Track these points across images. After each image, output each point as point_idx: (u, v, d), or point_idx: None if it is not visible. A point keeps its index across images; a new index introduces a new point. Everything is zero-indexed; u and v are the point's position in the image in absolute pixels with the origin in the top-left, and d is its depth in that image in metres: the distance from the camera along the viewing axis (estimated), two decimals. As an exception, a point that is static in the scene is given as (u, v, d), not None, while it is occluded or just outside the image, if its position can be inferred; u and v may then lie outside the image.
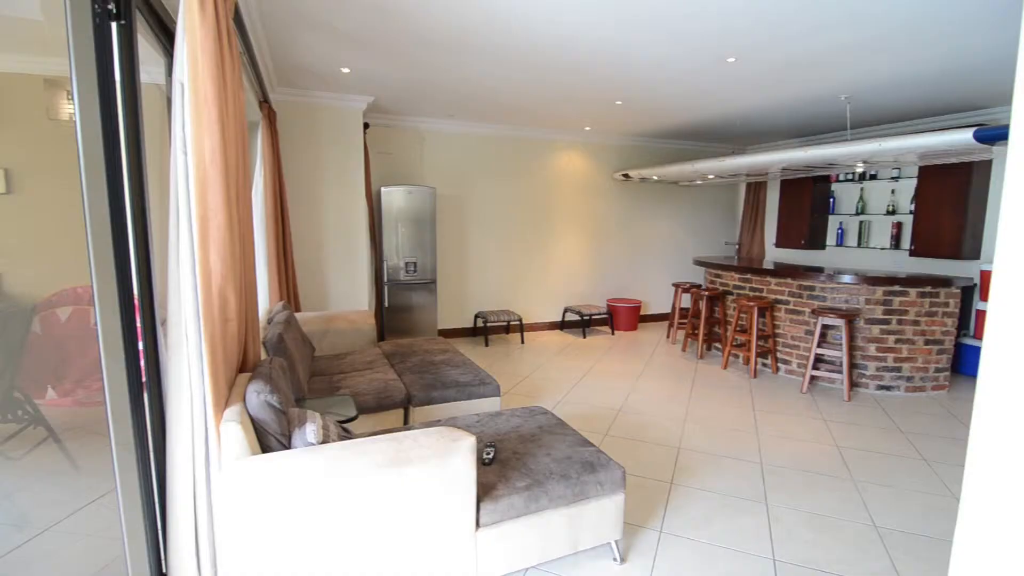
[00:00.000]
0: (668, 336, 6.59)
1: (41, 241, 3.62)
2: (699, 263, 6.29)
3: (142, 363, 1.64)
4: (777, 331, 5.11)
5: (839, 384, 4.64)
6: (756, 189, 7.52)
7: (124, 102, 1.53)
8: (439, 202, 6.04)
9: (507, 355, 5.73)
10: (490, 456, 2.19)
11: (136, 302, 1.60)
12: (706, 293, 5.62)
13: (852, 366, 4.56)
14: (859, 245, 6.32)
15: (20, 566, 2.12)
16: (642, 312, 7.45)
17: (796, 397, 4.44)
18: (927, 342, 4.49)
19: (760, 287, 5.30)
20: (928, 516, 2.66)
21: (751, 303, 4.96)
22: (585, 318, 6.62)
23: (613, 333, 6.86)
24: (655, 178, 6.64)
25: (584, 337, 6.59)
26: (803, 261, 6.61)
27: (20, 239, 3.60)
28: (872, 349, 4.53)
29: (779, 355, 5.11)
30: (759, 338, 5.00)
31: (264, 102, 3.97)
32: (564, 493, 2.06)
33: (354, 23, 3.10)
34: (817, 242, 6.66)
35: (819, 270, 4.94)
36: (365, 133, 5.19)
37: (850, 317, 4.40)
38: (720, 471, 3.10)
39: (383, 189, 5.47)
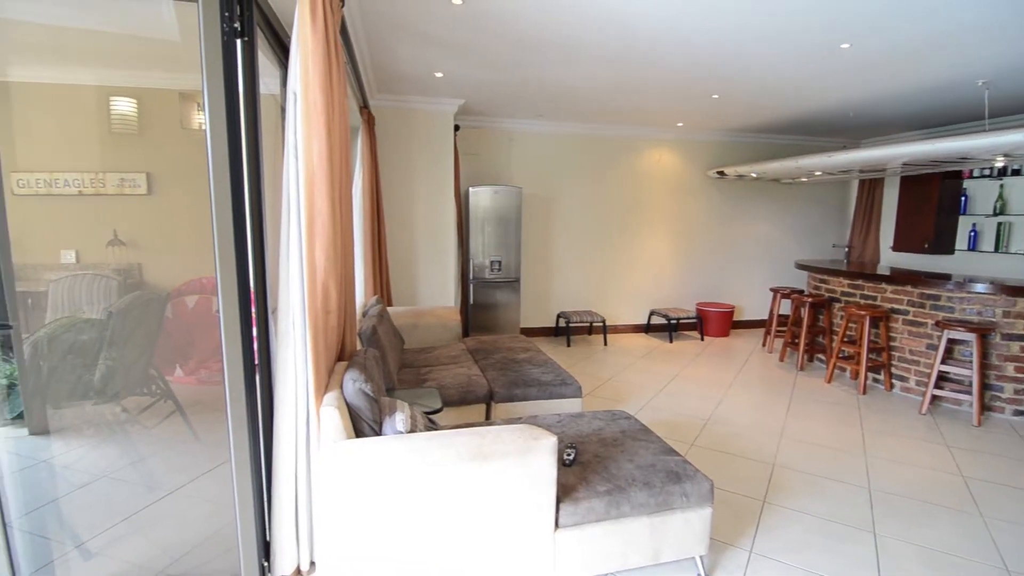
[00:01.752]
0: (764, 344, 6.19)
1: (174, 236, 4.10)
2: (801, 267, 5.84)
3: (255, 348, 1.80)
4: (892, 344, 4.63)
5: (967, 406, 4.11)
6: (871, 186, 6.85)
7: (246, 111, 1.69)
8: (525, 201, 6.08)
9: (589, 356, 5.66)
10: (571, 457, 2.17)
11: (252, 292, 1.76)
12: (809, 299, 5.21)
13: (984, 387, 4.02)
14: (996, 250, 5.55)
15: (151, 522, 2.42)
16: (735, 317, 7.04)
17: (913, 418, 4.00)
18: (1084, 364, 3.86)
19: (873, 294, 4.83)
20: (1081, 566, 2.29)
21: (862, 312, 4.53)
22: (672, 322, 6.38)
23: (703, 339, 6.56)
24: (753, 175, 6.26)
25: (671, 342, 6.35)
26: (926, 267, 5.92)
27: (158, 235, 4.09)
28: (1010, 369, 3.97)
29: (894, 370, 4.62)
30: (871, 351, 4.55)
31: (364, 108, 4.22)
32: (646, 501, 2.00)
33: (449, 30, 3.20)
34: (944, 246, 5.94)
35: (946, 277, 4.40)
36: (455, 135, 5.35)
37: (983, 331, 3.88)
38: (820, 493, 2.86)
39: (471, 189, 5.61)
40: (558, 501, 1.91)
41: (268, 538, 1.93)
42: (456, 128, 5.36)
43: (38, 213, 3.76)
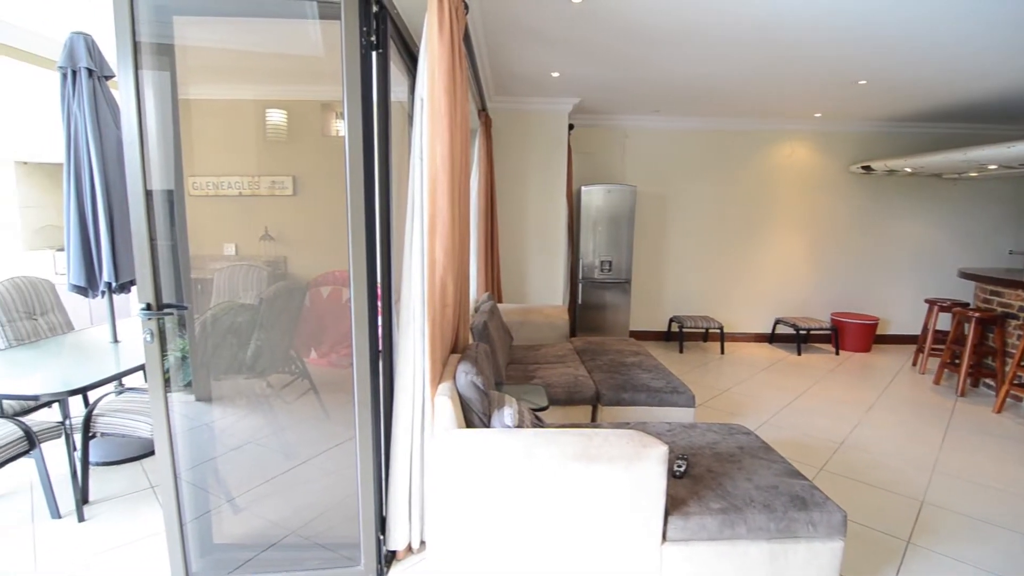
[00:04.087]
0: (915, 363, 5.43)
1: (312, 233, 4.56)
2: (967, 276, 5.03)
3: (380, 336, 1.94)
4: (1089, 372, 3.82)
5: None
6: (1064, 183, 5.71)
7: (378, 117, 1.82)
8: (639, 200, 5.91)
9: (703, 364, 5.36)
10: (681, 469, 2.07)
11: (378, 285, 1.90)
12: (976, 314, 4.48)
13: None
14: None
15: (288, 485, 2.72)
16: (878, 331, 6.26)
17: (1118, 464, 3.27)
18: None
19: (1063, 312, 4.03)
20: None
21: (1047, 332, 3.80)
22: (801, 332, 5.83)
23: (837, 353, 5.91)
24: (908, 170, 5.50)
25: (799, 354, 5.81)
26: None
27: (300, 231, 4.57)
28: None
29: (1091, 404, 3.82)
30: (1057, 378, 3.80)
31: (482, 111, 4.36)
32: (766, 526, 1.84)
33: (567, 29, 3.19)
34: None
35: None
36: (569, 134, 5.34)
37: None
38: (982, 540, 2.45)
39: (583, 188, 5.57)
40: (667, 514, 1.83)
41: (384, 514, 2.07)
42: (570, 127, 5.35)
43: (207, 211, 4.38)
